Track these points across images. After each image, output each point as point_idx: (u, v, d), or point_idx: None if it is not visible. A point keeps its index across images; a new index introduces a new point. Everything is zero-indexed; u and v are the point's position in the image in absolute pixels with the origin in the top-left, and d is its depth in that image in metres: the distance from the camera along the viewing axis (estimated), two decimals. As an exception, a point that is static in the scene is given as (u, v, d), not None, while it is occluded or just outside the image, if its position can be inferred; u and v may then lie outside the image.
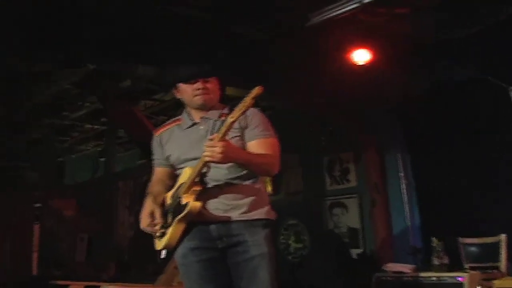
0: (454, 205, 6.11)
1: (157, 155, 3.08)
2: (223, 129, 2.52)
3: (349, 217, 7.50)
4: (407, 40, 5.15)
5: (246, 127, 2.87)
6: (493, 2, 4.57)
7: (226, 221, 2.78)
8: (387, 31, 4.97)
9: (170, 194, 2.91)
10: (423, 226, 6.63)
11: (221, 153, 2.52)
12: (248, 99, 2.45)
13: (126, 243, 8.79)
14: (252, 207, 2.83)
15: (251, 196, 2.85)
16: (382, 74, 5.58)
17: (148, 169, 7.52)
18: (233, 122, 2.50)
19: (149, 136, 3.15)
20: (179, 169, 2.93)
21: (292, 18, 4.64)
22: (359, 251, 7.25)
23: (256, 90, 2.45)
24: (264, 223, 2.84)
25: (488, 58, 5.46)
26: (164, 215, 2.85)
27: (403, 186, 6.79)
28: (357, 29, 4.89)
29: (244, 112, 2.49)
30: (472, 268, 5.03)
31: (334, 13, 4.40)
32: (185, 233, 2.81)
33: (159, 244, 2.88)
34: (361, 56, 5.32)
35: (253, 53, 5.22)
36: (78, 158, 11.65)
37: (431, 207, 6.52)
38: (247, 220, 2.80)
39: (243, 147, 2.85)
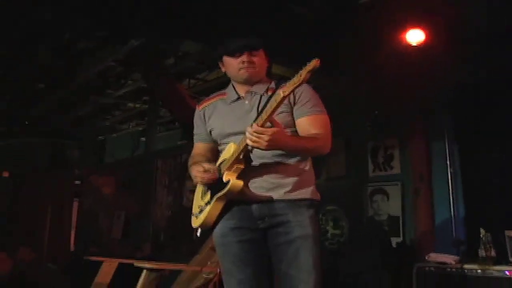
0: (501, 198, 5.90)
1: (199, 130, 3.02)
2: (273, 105, 2.39)
3: (390, 205, 7.27)
4: (464, 24, 4.94)
5: (295, 103, 2.79)
6: None
7: (269, 200, 2.70)
8: (444, 12, 4.78)
9: None
10: (467, 218, 6.39)
11: (268, 141, 2.43)
12: (304, 73, 2.31)
13: (162, 223, 8.79)
14: (297, 186, 2.74)
15: (297, 175, 2.76)
16: (435, 58, 5.38)
17: (188, 149, 7.57)
18: (285, 97, 2.37)
19: (192, 116, 3.07)
20: (222, 144, 2.87)
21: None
22: (398, 240, 7.03)
23: (313, 63, 2.30)
24: (308, 203, 2.75)
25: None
26: (204, 192, 2.81)
27: (449, 175, 6.56)
28: (412, 8, 4.71)
29: (298, 87, 2.36)
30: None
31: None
32: (224, 212, 2.75)
33: (196, 222, 2.85)
34: (415, 36, 5.16)
35: (303, 32, 5.10)
36: (119, 137, 11.79)
37: (477, 199, 6.28)
38: (291, 200, 2.71)
39: (292, 123, 2.77)
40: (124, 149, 11.29)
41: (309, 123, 2.75)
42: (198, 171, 2.76)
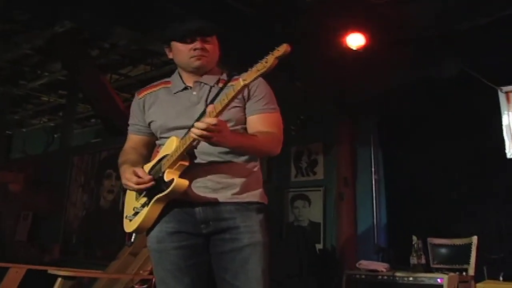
0: (423, 205, 6.02)
1: (136, 120, 2.67)
2: (231, 94, 2.12)
3: (311, 211, 7.28)
4: (400, 28, 5.02)
5: (249, 98, 2.52)
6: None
7: (215, 203, 2.41)
8: (383, 16, 4.82)
9: (148, 166, 2.52)
10: (389, 225, 6.51)
11: (220, 132, 2.17)
12: (271, 59, 2.00)
13: (75, 224, 8.35)
14: (245, 188, 2.47)
15: (245, 176, 2.49)
16: (370, 62, 5.42)
17: (108, 146, 7.23)
18: (245, 86, 2.10)
19: (115, 110, 2.78)
20: (162, 138, 2.56)
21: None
22: (319, 246, 7.05)
23: (283, 48, 2.00)
24: (258, 207, 2.49)
25: (481, 56, 5.40)
26: (139, 192, 2.48)
27: (373, 182, 6.64)
28: (354, 11, 4.71)
29: (263, 75, 2.07)
30: (438, 270, 4.91)
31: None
32: (162, 214, 2.43)
33: (130, 225, 2.50)
34: (355, 40, 5.15)
35: (242, 28, 4.98)
36: (29, 132, 11.17)
37: (399, 206, 6.39)
38: (239, 203, 2.44)
39: (243, 120, 2.51)
40: (35, 145, 10.71)
41: (261, 121, 2.50)
42: (130, 178, 2.42)
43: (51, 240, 8.43)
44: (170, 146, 2.39)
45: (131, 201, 2.55)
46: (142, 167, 2.50)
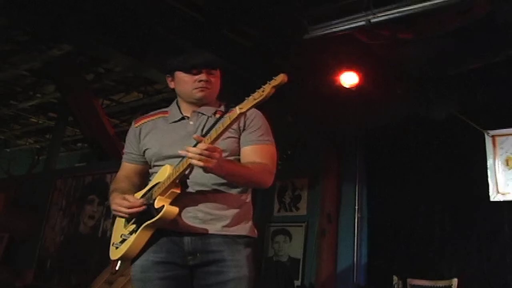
0: (405, 244, 6.11)
1: (131, 149, 2.68)
2: (227, 122, 2.16)
3: (291, 246, 7.27)
4: (394, 69, 5.17)
5: (244, 129, 2.53)
6: (497, 40, 4.65)
7: (204, 234, 2.39)
8: (377, 57, 4.98)
9: (139, 194, 2.52)
10: (370, 263, 6.51)
11: (218, 160, 2.17)
12: (268, 88, 2.05)
13: (51, 249, 8.22)
14: (235, 221, 2.45)
15: (236, 207, 2.48)
16: (359, 100, 5.57)
17: (92, 171, 7.22)
18: (241, 114, 2.12)
19: (104, 135, 2.83)
20: (155, 166, 2.56)
21: (292, 29, 4.54)
22: (298, 283, 7.01)
23: (280, 78, 2.05)
24: (246, 241, 2.47)
25: (470, 99, 5.58)
26: (128, 219, 2.48)
27: (356, 219, 6.64)
28: (349, 50, 4.87)
29: (259, 103, 2.09)
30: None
31: (335, 29, 4.33)
32: (149, 243, 2.41)
33: (116, 253, 2.48)
34: (349, 78, 5.29)
35: (240, 60, 5.11)
36: (13, 152, 11.07)
37: (381, 244, 6.44)
38: (228, 235, 2.42)
39: (237, 151, 2.52)
40: (18, 166, 10.60)
41: (255, 152, 2.50)
42: (120, 203, 2.40)
43: (25, 264, 8.27)
44: (163, 174, 2.40)
45: (119, 228, 2.54)
46: (133, 195, 2.50)
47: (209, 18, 4.75)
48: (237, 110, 2.11)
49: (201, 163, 2.14)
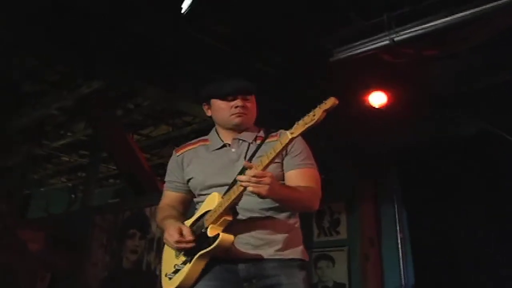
0: (452, 264, 5.92)
1: (174, 177, 2.69)
2: (278, 148, 2.15)
3: (335, 271, 7.13)
4: (420, 88, 5.11)
5: (287, 154, 2.53)
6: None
7: (258, 259, 2.37)
8: (404, 76, 4.90)
9: (188, 222, 2.51)
10: (417, 285, 6.34)
11: (269, 185, 2.15)
12: (318, 112, 2.04)
13: (95, 286, 8.21)
14: (287, 245, 2.44)
15: (287, 231, 2.47)
16: (389, 121, 5.49)
17: (130, 205, 7.19)
18: (293, 139, 2.12)
19: (139, 169, 2.79)
20: (200, 195, 2.55)
21: (317, 53, 4.49)
22: (346, 308, 6.91)
23: (331, 101, 2.06)
24: (300, 264, 2.46)
25: (498, 113, 5.45)
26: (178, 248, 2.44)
27: (399, 240, 6.52)
28: (375, 70, 4.79)
29: (310, 127, 2.08)
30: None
31: (360, 50, 4.29)
32: (204, 273, 2.39)
33: (170, 284, 2.46)
34: (377, 98, 5.24)
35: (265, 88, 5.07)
36: (47, 191, 11.18)
37: (427, 265, 6.25)
38: (282, 259, 2.40)
39: (281, 176, 2.52)
40: (54, 204, 10.69)
41: (300, 176, 2.50)
42: (173, 235, 2.38)
43: (69, 303, 8.27)
44: (212, 202, 2.39)
45: (171, 258, 2.51)
46: (183, 223, 2.49)
47: (236, 48, 4.71)
48: (288, 135, 2.11)
49: (256, 189, 2.15)
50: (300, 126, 2.09)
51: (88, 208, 8.77)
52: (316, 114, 2.05)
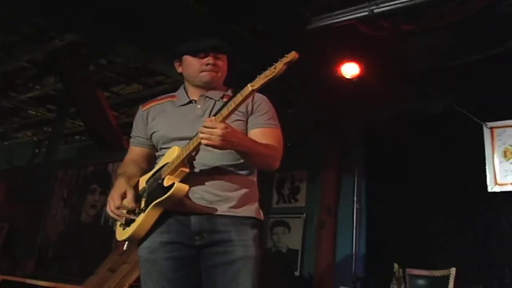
0: (402, 236, 6.19)
1: (138, 132, 2.71)
2: (238, 99, 2.17)
3: (290, 238, 7.35)
4: (394, 62, 5.20)
5: (252, 112, 2.56)
6: (497, 32, 4.69)
7: (211, 214, 2.40)
8: (378, 49, 5.01)
9: (145, 177, 2.56)
10: (368, 254, 6.62)
11: (222, 136, 2.17)
12: (279, 65, 2.06)
13: (53, 238, 8.24)
14: (242, 202, 2.46)
15: (244, 188, 2.49)
16: (359, 93, 5.60)
17: (94, 160, 7.19)
18: (253, 91, 2.13)
19: (107, 126, 2.82)
20: (162, 149, 2.59)
21: (294, 20, 4.57)
22: (297, 273, 7.08)
23: (291, 55, 2.07)
24: (253, 222, 2.49)
25: (469, 91, 5.65)
26: (136, 199, 2.48)
27: (354, 211, 6.74)
28: (351, 41, 4.89)
29: (270, 80, 2.10)
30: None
31: (338, 19, 4.36)
32: (156, 224, 2.43)
33: (123, 234, 2.50)
34: (350, 69, 5.33)
35: (240, 52, 5.15)
36: (11, 145, 11.06)
37: (379, 236, 6.54)
38: (235, 216, 2.43)
39: (245, 134, 2.51)
40: (18, 158, 10.58)
41: (263, 135, 2.51)
42: (113, 199, 2.43)
43: (26, 254, 8.29)
44: (171, 154, 2.42)
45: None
46: (139, 180, 2.56)
47: (213, 11, 4.76)
48: (249, 87, 2.13)
49: (206, 141, 2.18)
50: (260, 79, 2.11)
51: (51, 162, 8.75)
52: (277, 67, 2.07)
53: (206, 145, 2.21)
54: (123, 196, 2.43)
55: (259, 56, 5.14)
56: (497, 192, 5.58)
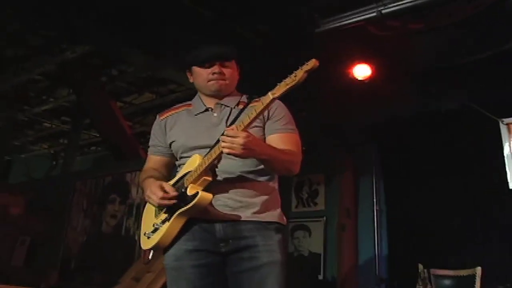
0: (425, 236, 6.08)
1: (157, 141, 2.71)
2: (260, 108, 2.17)
3: (311, 241, 7.27)
4: (405, 61, 5.15)
5: (268, 118, 2.53)
6: (507, 28, 4.58)
7: (235, 221, 2.40)
8: (388, 50, 4.94)
9: (170, 183, 2.51)
10: (391, 255, 6.54)
11: (244, 145, 2.16)
12: (300, 73, 2.06)
13: (75, 249, 8.27)
14: (265, 208, 2.46)
15: (265, 194, 2.48)
16: (372, 94, 5.54)
17: (112, 171, 7.20)
18: (274, 99, 2.12)
19: (122, 136, 2.79)
20: (182, 158, 2.57)
21: (303, 23, 4.51)
22: (320, 277, 7.01)
23: (312, 63, 2.06)
24: (277, 227, 2.48)
25: (482, 88, 5.53)
26: (159, 209, 2.49)
27: (375, 213, 6.67)
28: (361, 43, 4.83)
29: (291, 88, 2.08)
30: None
31: (347, 21, 4.32)
32: (181, 232, 2.42)
33: (148, 242, 2.49)
34: (361, 71, 5.28)
35: (251, 57, 5.09)
36: (28, 158, 11.12)
37: (401, 236, 6.45)
38: (259, 222, 2.42)
39: (263, 140, 2.49)
40: (35, 171, 10.65)
41: (282, 140, 2.50)
42: (155, 191, 2.41)
43: (49, 266, 8.32)
44: (193, 163, 2.41)
45: (150, 218, 2.55)
46: (168, 184, 2.51)
47: (221, 15, 4.71)
48: (269, 95, 2.13)
49: (228, 150, 2.18)
50: (281, 87, 2.11)
51: (69, 173, 8.79)
52: (298, 75, 2.07)
53: (228, 153, 2.20)
54: (162, 188, 2.40)
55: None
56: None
